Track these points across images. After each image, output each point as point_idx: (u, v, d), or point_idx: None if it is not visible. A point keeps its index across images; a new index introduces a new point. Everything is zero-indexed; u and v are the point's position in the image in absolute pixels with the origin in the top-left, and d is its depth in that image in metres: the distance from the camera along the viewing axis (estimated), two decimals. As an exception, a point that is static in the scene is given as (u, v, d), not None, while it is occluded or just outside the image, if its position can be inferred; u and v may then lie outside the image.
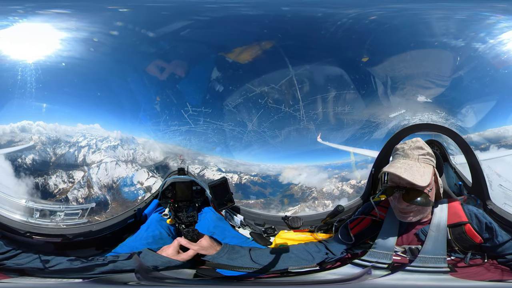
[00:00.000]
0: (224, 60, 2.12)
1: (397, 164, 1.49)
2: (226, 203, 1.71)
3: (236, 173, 2.42)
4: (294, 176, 2.42)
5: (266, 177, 2.41)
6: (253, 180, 2.42)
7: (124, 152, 2.30)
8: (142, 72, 2.15)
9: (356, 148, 2.42)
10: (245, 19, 2.00)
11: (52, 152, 2.17)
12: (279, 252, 1.61)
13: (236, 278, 1.49)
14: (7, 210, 1.87)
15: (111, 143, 2.29)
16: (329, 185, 2.43)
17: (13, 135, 2.09)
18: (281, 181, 2.42)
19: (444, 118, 2.23)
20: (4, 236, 1.69)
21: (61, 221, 1.94)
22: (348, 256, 1.63)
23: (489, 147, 2.13)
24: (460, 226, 1.51)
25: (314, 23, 2.04)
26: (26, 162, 2.10)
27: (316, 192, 2.44)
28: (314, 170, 2.42)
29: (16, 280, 1.42)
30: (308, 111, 2.29)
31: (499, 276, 1.42)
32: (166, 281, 1.44)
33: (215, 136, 2.27)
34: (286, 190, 2.43)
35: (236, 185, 2.41)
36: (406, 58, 2.15)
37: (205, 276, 1.49)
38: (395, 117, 2.30)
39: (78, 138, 2.22)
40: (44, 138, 2.14)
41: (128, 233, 1.89)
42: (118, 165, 2.29)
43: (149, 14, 2.01)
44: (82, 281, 1.43)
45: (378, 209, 1.62)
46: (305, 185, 2.43)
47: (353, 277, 1.47)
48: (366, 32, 2.10)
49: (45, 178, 2.12)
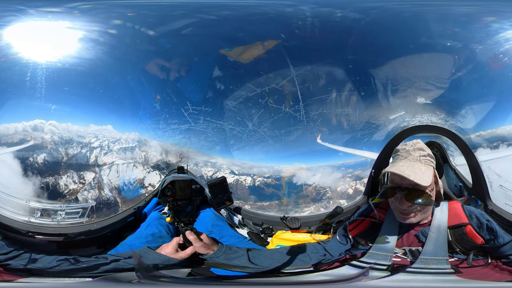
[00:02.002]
0: (225, 59, 2.14)
1: (399, 165, 1.49)
2: (224, 202, 1.71)
3: (249, 175, 2.41)
4: (308, 177, 2.41)
5: (279, 178, 2.40)
6: (266, 182, 2.41)
7: (136, 154, 2.29)
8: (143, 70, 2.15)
9: (356, 150, 2.43)
10: (247, 19, 2.02)
11: (64, 152, 2.16)
12: (277, 253, 1.61)
13: (230, 277, 1.48)
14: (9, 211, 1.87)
15: (124, 144, 2.27)
16: (343, 185, 2.42)
17: (25, 133, 2.09)
18: (295, 182, 2.41)
19: (443, 120, 2.24)
20: (6, 236, 1.68)
21: (62, 220, 1.93)
22: (347, 257, 1.62)
23: (489, 148, 2.14)
24: (460, 227, 1.50)
25: (315, 24, 2.05)
26: (38, 161, 2.10)
27: (330, 192, 2.43)
28: (328, 170, 2.41)
29: (19, 280, 1.41)
30: (308, 112, 2.29)
31: (507, 277, 1.41)
32: (165, 279, 1.44)
33: (215, 135, 2.28)
34: (300, 191, 2.42)
35: (250, 188, 2.41)
36: (406, 60, 2.17)
37: (199, 275, 1.49)
38: (395, 118, 2.31)
39: (90, 139, 2.21)
40: (57, 138, 2.13)
41: (128, 231, 1.89)
42: (129, 167, 2.28)
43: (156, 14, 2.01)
44: (83, 280, 1.42)
45: (377, 211, 1.62)
46: (319, 185, 2.42)
47: (350, 278, 1.46)
48: (366, 34, 2.11)
49: (56, 178, 2.10)
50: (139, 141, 2.29)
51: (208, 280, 1.48)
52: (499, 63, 2.04)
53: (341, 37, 2.13)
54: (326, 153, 2.40)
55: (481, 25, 1.98)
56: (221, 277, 1.50)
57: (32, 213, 1.91)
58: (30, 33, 1.98)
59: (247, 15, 2.01)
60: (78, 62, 2.05)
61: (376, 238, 1.58)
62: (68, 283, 1.42)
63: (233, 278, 1.50)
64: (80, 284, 1.41)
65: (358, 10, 2.02)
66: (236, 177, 2.40)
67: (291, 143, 2.35)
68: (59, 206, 1.99)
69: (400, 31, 2.09)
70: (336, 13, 2.02)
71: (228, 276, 1.50)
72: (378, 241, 1.57)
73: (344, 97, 2.31)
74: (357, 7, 2.00)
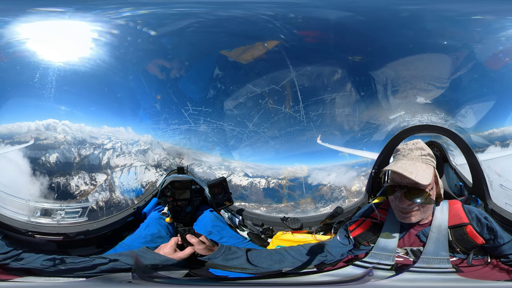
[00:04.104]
0: (226, 59, 2.14)
1: (399, 164, 1.49)
2: (224, 202, 1.71)
3: (264, 178, 2.39)
4: (323, 177, 2.40)
5: (294, 179, 2.39)
6: (280, 183, 2.40)
7: (149, 156, 2.28)
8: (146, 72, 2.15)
9: (356, 150, 2.42)
10: (247, 20, 2.02)
11: (77, 153, 2.15)
12: (276, 254, 1.60)
13: (230, 278, 1.47)
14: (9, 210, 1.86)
15: (138, 147, 2.26)
16: (358, 183, 2.41)
17: (38, 132, 2.08)
18: (310, 182, 2.40)
19: (443, 119, 2.23)
20: (6, 236, 1.68)
21: (62, 219, 1.92)
22: (348, 258, 1.61)
23: (489, 147, 2.13)
24: (461, 227, 1.49)
25: (315, 25, 2.06)
26: (50, 161, 2.09)
27: (345, 191, 2.41)
28: (343, 169, 2.40)
29: (17, 279, 1.40)
30: (308, 112, 2.30)
31: (506, 276, 1.40)
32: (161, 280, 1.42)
33: (215, 136, 2.28)
34: (315, 191, 2.41)
35: (264, 190, 2.39)
36: (405, 59, 2.17)
37: (197, 275, 1.47)
38: (395, 118, 2.31)
39: (103, 140, 2.20)
40: (70, 138, 2.13)
41: (127, 231, 1.88)
42: (141, 169, 2.27)
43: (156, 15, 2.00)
44: (80, 279, 1.41)
45: (378, 211, 1.61)
46: (334, 185, 2.41)
47: (354, 279, 1.45)
48: (365, 34, 2.12)
49: (67, 178, 2.09)
50: (151, 144, 2.28)
51: (204, 281, 1.47)
52: (499, 63, 2.04)
53: (340, 37, 2.13)
54: (336, 152, 2.40)
55: (481, 24, 1.98)
56: (219, 278, 1.48)
57: (32, 213, 1.90)
58: (45, 33, 1.97)
59: (247, 16, 2.02)
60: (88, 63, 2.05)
61: (378, 239, 1.57)
62: (65, 282, 1.41)
63: (232, 279, 1.48)
64: (77, 283, 1.40)
65: (358, 10, 2.03)
66: (250, 180, 2.38)
67: (303, 142, 2.34)
68: (58, 205, 1.97)
69: (400, 30, 2.10)
70: (335, 13, 2.02)
71: (226, 277, 1.48)
72: (379, 241, 1.56)
73: (344, 98, 2.31)
74: (357, 6, 2.01)
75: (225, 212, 2.06)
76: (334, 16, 2.03)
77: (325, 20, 2.05)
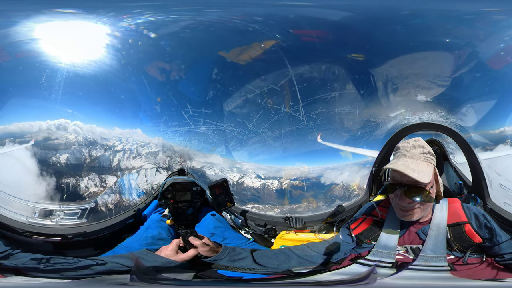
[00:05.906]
0: (224, 60, 2.12)
1: (400, 162, 1.49)
2: (225, 203, 1.71)
3: (276, 179, 2.38)
4: (336, 176, 2.39)
5: (306, 180, 2.39)
6: (293, 184, 2.39)
7: (161, 159, 2.26)
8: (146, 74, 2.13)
9: (356, 148, 2.42)
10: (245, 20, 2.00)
11: (87, 154, 2.14)
12: (281, 254, 1.60)
13: (239, 279, 1.47)
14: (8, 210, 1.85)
15: (149, 149, 2.24)
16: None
17: (49, 132, 2.06)
18: (323, 182, 2.40)
19: (444, 117, 2.22)
20: (3, 235, 1.67)
21: (60, 220, 1.91)
22: (352, 256, 1.62)
23: (490, 146, 2.13)
24: (459, 225, 1.50)
25: (314, 23, 2.04)
26: (60, 161, 2.07)
27: (358, 190, 2.41)
28: (355, 168, 2.39)
29: (12, 280, 1.40)
30: (308, 112, 2.29)
31: (497, 275, 1.41)
32: (162, 282, 1.42)
33: (215, 137, 2.27)
34: (328, 191, 2.41)
35: (277, 191, 2.38)
36: (406, 57, 2.15)
37: (206, 277, 1.47)
38: (395, 116, 2.30)
39: (114, 142, 2.19)
40: (81, 139, 2.11)
41: (127, 234, 1.88)
42: (152, 172, 2.24)
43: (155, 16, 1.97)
44: (77, 280, 1.41)
45: (379, 209, 1.62)
46: (347, 184, 2.40)
47: (360, 277, 1.45)
48: (365, 32, 2.10)
49: (77, 179, 2.08)
50: (163, 146, 2.26)
51: (217, 282, 1.47)
52: (502, 62, 2.02)
53: (340, 35, 2.11)
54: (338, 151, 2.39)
55: (485, 23, 1.95)
56: (230, 279, 1.48)
57: (31, 213, 1.89)
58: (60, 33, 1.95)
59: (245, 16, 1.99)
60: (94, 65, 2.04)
61: (379, 237, 1.58)
62: (62, 282, 1.41)
63: (246, 281, 1.48)
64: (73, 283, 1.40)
65: (357, 9, 2.01)
66: (262, 181, 2.37)
67: (310, 143, 2.33)
68: (57, 206, 1.96)
69: (400, 28, 2.07)
70: (334, 11, 2.00)
71: (241, 278, 1.48)
72: (381, 239, 1.57)
73: (343, 96, 2.30)
74: (356, 5, 1.99)
75: (227, 214, 2.06)
76: (334, 14, 2.01)
77: (324, 19, 2.04)
